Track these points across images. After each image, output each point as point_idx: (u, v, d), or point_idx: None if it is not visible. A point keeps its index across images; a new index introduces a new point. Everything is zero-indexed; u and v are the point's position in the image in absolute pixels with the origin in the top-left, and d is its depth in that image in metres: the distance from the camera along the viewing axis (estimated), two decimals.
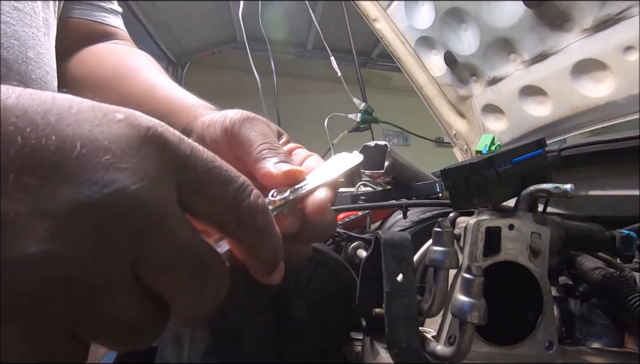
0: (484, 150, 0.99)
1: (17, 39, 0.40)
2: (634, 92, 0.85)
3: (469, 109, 1.32)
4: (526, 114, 1.12)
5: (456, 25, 1.17)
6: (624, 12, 0.81)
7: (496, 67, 1.13)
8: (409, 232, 0.67)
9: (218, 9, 3.02)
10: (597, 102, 0.93)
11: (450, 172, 0.48)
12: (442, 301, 0.44)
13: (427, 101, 1.41)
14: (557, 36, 0.94)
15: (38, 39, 0.43)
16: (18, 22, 0.40)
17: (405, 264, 0.44)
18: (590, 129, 1.01)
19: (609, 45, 0.86)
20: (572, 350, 0.51)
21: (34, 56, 0.41)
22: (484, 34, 1.09)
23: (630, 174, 0.70)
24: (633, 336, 0.54)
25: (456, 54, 1.21)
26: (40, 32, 0.43)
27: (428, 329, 0.48)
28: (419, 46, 1.34)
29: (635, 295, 0.50)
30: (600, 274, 0.55)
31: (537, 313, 0.45)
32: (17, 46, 0.40)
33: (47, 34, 0.45)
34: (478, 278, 0.39)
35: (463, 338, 0.40)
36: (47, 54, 0.44)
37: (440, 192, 0.80)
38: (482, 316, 0.38)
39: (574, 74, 0.95)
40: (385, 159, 0.80)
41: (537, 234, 0.45)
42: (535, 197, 0.47)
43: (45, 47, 0.44)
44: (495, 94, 1.18)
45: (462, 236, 0.46)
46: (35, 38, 0.42)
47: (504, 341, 0.45)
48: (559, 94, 1.01)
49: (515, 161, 0.47)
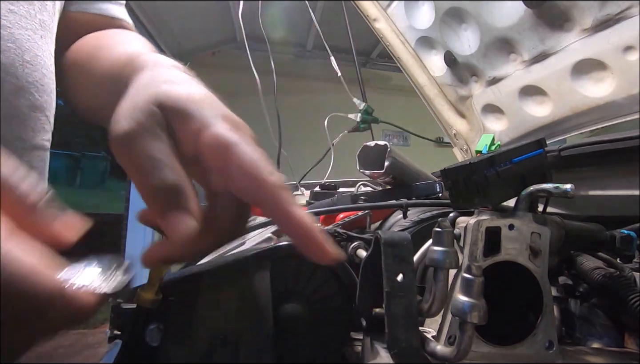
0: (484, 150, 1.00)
1: (13, 42, 0.40)
2: (634, 92, 0.85)
3: (469, 109, 1.32)
4: (526, 114, 1.12)
5: (456, 25, 1.17)
6: (624, 12, 0.81)
7: (496, 67, 1.13)
8: (409, 232, 0.66)
9: (218, 9, 3.02)
10: (597, 102, 0.93)
11: (450, 172, 0.48)
12: (442, 301, 0.44)
13: (427, 101, 1.41)
14: (557, 36, 0.94)
15: (34, 41, 0.42)
16: (14, 24, 0.40)
17: (405, 264, 0.44)
18: (590, 129, 1.01)
19: (609, 45, 0.86)
20: (572, 350, 0.51)
21: (30, 59, 0.41)
22: (484, 34, 1.09)
23: (630, 174, 0.70)
24: (633, 336, 0.53)
25: (456, 54, 1.21)
26: (36, 34, 0.43)
27: (428, 329, 0.48)
28: (419, 46, 1.34)
29: (635, 295, 0.50)
30: (600, 274, 0.55)
31: (537, 313, 0.45)
32: (13, 49, 0.39)
33: (44, 36, 0.44)
34: (478, 278, 0.39)
35: (463, 338, 0.40)
36: (44, 56, 0.43)
37: (440, 192, 0.80)
38: (482, 316, 0.38)
39: (574, 74, 0.95)
40: (385, 159, 0.80)
41: (537, 234, 0.45)
42: (535, 197, 0.47)
43: (42, 50, 0.43)
44: (495, 94, 1.18)
45: (462, 236, 0.46)
46: (31, 40, 0.42)
47: (504, 341, 0.45)
48: (559, 94, 1.01)
49: (515, 160, 0.47)
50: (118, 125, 0.29)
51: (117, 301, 0.50)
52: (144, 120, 0.30)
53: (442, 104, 1.38)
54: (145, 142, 0.29)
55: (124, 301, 0.50)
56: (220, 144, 0.30)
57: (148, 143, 0.29)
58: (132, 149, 0.29)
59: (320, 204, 0.92)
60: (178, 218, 0.28)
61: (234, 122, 0.32)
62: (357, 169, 0.86)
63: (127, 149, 0.29)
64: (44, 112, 0.44)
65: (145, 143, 0.29)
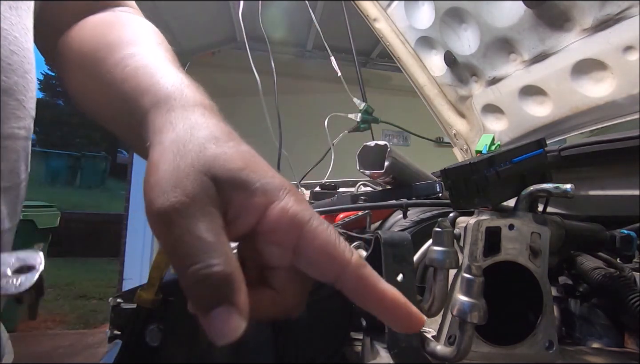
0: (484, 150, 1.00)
1: None
2: (634, 92, 0.85)
3: (469, 109, 1.32)
4: (526, 114, 1.12)
5: (456, 25, 1.17)
6: (624, 12, 0.81)
7: (496, 67, 1.13)
8: (409, 232, 0.66)
9: (218, 9, 3.03)
10: (597, 102, 0.93)
11: (450, 172, 0.48)
12: (442, 301, 0.44)
13: (427, 101, 1.41)
14: (557, 36, 0.94)
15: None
16: None
17: (405, 264, 0.44)
18: (590, 129, 1.01)
19: (609, 45, 0.86)
20: (572, 350, 0.51)
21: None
22: (484, 34, 1.09)
23: (630, 174, 0.70)
24: (633, 336, 0.53)
25: (456, 54, 1.21)
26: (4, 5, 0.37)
27: (428, 329, 0.48)
28: (419, 46, 1.34)
29: (635, 295, 0.50)
30: (600, 274, 0.55)
31: (537, 313, 0.45)
32: None
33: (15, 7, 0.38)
34: (478, 278, 0.39)
35: (463, 338, 0.40)
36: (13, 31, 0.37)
37: (440, 192, 0.80)
38: (482, 316, 0.38)
39: (574, 74, 0.95)
40: (385, 159, 0.80)
41: (537, 234, 0.45)
42: (535, 197, 0.47)
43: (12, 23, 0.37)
44: (495, 94, 1.18)
45: (462, 236, 0.46)
46: None
47: (504, 341, 0.45)
48: (559, 94, 1.01)
49: (515, 160, 0.47)
50: (162, 196, 0.26)
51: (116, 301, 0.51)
52: (195, 193, 0.26)
53: (442, 104, 1.38)
54: (194, 219, 0.25)
55: (124, 301, 0.50)
56: (294, 221, 0.28)
57: (198, 221, 0.25)
58: (178, 226, 0.25)
59: (320, 204, 0.92)
60: (224, 318, 0.24)
61: (293, 191, 0.29)
62: (357, 169, 0.86)
63: (172, 226, 0.25)
64: (14, 95, 0.37)
65: (194, 221, 0.25)
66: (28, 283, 0.24)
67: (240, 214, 0.28)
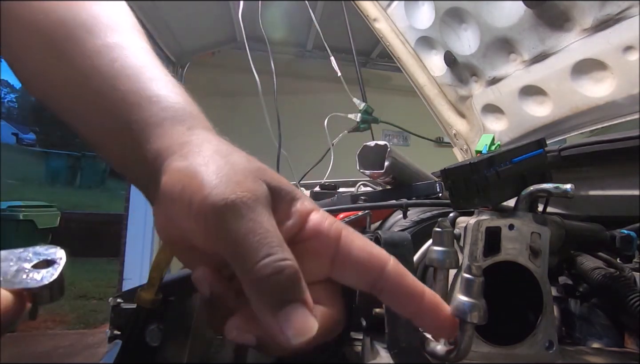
0: (484, 150, 1.00)
1: None
2: (634, 92, 0.85)
3: (469, 109, 1.32)
4: (526, 114, 1.12)
5: (456, 25, 1.17)
6: (624, 12, 0.81)
7: (496, 67, 1.13)
8: (409, 232, 0.66)
9: (218, 9, 3.02)
10: (597, 102, 0.93)
11: (450, 172, 0.48)
12: None
13: (427, 101, 1.41)
14: (557, 36, 0.94)
15: None
16: None
17: (405, 264, 0.44)
18: (590, 129, 1.01)
19: (609, 45, 0.86)
20: (572, 350, 0.51)
21: None
22: (484, 34, 1.09)
23: (630, 174, 0.70)
24: (633, 336, 0.53)
25: (456, 54, 1.21)
26: None
27: None
28: (419, 46, 1.34)
29: (635, 295, 0.50)
30: (600, 274, 0.55)
31: (537, 313, 0.45)
32: None
33: None
34: (478, 278, 0.39)
35: (463, 338, 0.39)
36: None
37: (440, 192, 0.80)
38: (482, 316, 0.38)
39: (574, 74, 0.95)
40: (385, 159, 0.80)
41: (537, 234, 0.45)
42: (535, 197, 0.47)
43: None
44: (495, 94, 1.18)
45: (462, 236, 0.46)
46: None
47: (504, 341, 0.45)
48: (559, 94, 1.01)
49: (515, 160, 0.47)
50: (225, 190, 0.24)
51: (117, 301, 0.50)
52: (258, 192, 0.26)
53: (442, 104, 1.38)
54: (263, 214, 0.25)
55: (124, 301, 0.50)
56: (332, 228, 0.28)
57: (265, 216, 0.25)
58: (249, 219, 0.24)
59: (320, 204, 0.92)
60: (300, 315, 0.23)
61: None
62: (357, 169, 0.86)
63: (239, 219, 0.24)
64: None
65: (263, 216, 0.25)
66: (50, 276, 0.23)
67: (285, 220, 0.28)
